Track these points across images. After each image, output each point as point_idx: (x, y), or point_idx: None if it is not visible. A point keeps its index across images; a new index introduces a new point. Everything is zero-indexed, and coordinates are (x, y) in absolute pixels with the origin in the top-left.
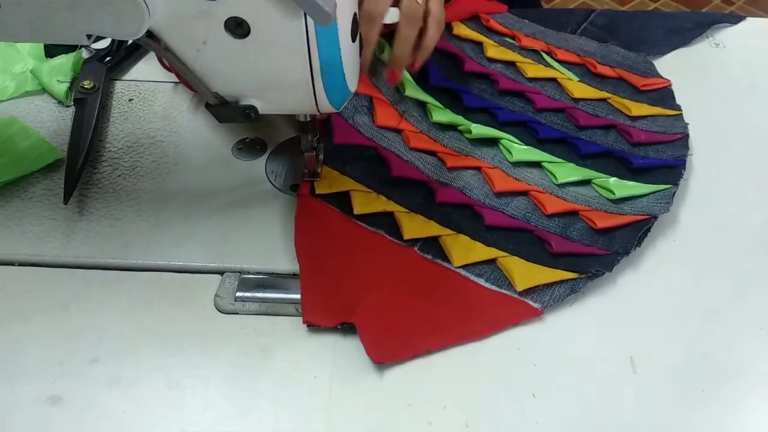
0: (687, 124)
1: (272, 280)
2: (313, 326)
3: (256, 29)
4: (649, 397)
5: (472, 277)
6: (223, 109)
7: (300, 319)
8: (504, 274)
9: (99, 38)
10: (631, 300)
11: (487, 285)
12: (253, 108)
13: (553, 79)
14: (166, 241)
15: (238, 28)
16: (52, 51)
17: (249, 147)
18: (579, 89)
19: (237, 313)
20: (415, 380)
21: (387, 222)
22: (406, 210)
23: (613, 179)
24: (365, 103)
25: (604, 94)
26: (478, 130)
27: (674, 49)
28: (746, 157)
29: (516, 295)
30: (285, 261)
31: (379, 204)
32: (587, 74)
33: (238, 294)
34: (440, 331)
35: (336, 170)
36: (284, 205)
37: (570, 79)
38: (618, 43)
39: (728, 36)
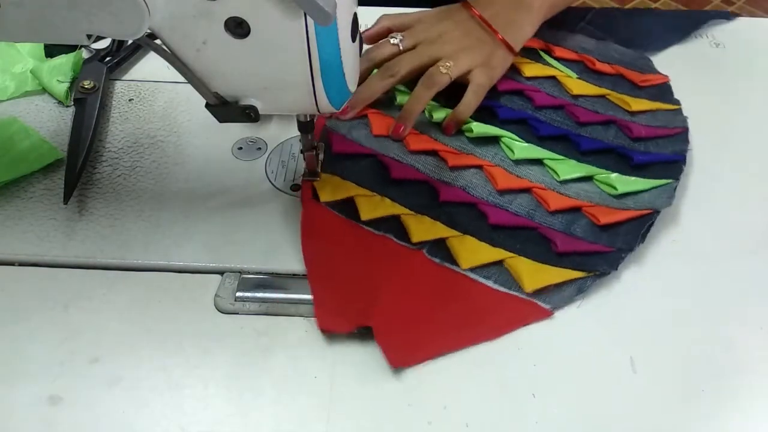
0: (686, 118)
1: (272, 280)
2: (328, 332)
3: (256, 29)
4: (649, 397)
5: (481, 279)
6: (223, 109)
7: (300, 319)
8: (512, 275)
9: (99, 38)
10: (631, 300)
11: (496, 287)
12: (253, 108)
13: (552, 77)
14: (166, 241)
15: (238, 28)
16: (52, 51)
17: (249, 147)
18: (578, 86)
19: (237, 313)
20: (415, 380)
21: (394, 226)
22: (412, 212)
23: (614, 175)
24: (360, 120)
25: (603, 91)
26: (480, 128)
27: (670, 45)
28: (747, 156)
29: (525, 296)
30: (285, 261)
31: (385, 207)
32: (585, 71)
33: (238, 294)
34: (453, 334)
35: (336, 175)
36: (284, 205)
37: (569, 76)
38: (615, 40)
39: (728, 36)
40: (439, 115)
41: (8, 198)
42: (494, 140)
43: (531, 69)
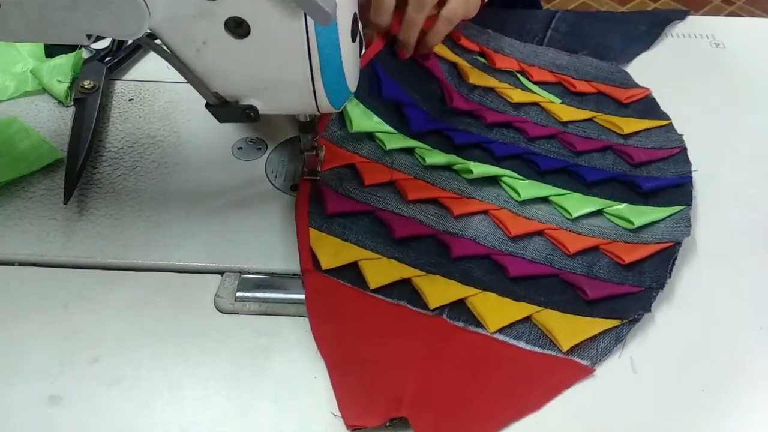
0: (681, 135)
1: (272, 280)
2: (356, 429)
3: (256, 29)
4: (649, 397)
5: (511, 341)
6: (223, 109)
7: (300, 319)
8: (543, 332)
9: (99, 38)
10: None
11: (528, 347)
12: (253, 108)
13: (536, 104)
14: (166, 241)
15: (238, 28)
16: (52, 51)
17: (249, 147)
18: (564, 112)
19: (237, 313)
20: None
21: (407, 291)
22: (423, 272)
23: (623, 205)
24: (348, 171)
25: (588, 114)
26: (479, 169)
27: (637, 56)
28: (747, 156)
29: (561, 355)
30: (285, 261)
31: (393, 271)
32: (567, 94)
33: (238, 294)
34: (499, 414)
35: (337, 237)
36: (284, 205)
37: (552, 102)
38: (587, 52)
39: (728, 36)
40: (432, 159)
41: (8, 198)
42: (494, 180)
43: (516, 95)
